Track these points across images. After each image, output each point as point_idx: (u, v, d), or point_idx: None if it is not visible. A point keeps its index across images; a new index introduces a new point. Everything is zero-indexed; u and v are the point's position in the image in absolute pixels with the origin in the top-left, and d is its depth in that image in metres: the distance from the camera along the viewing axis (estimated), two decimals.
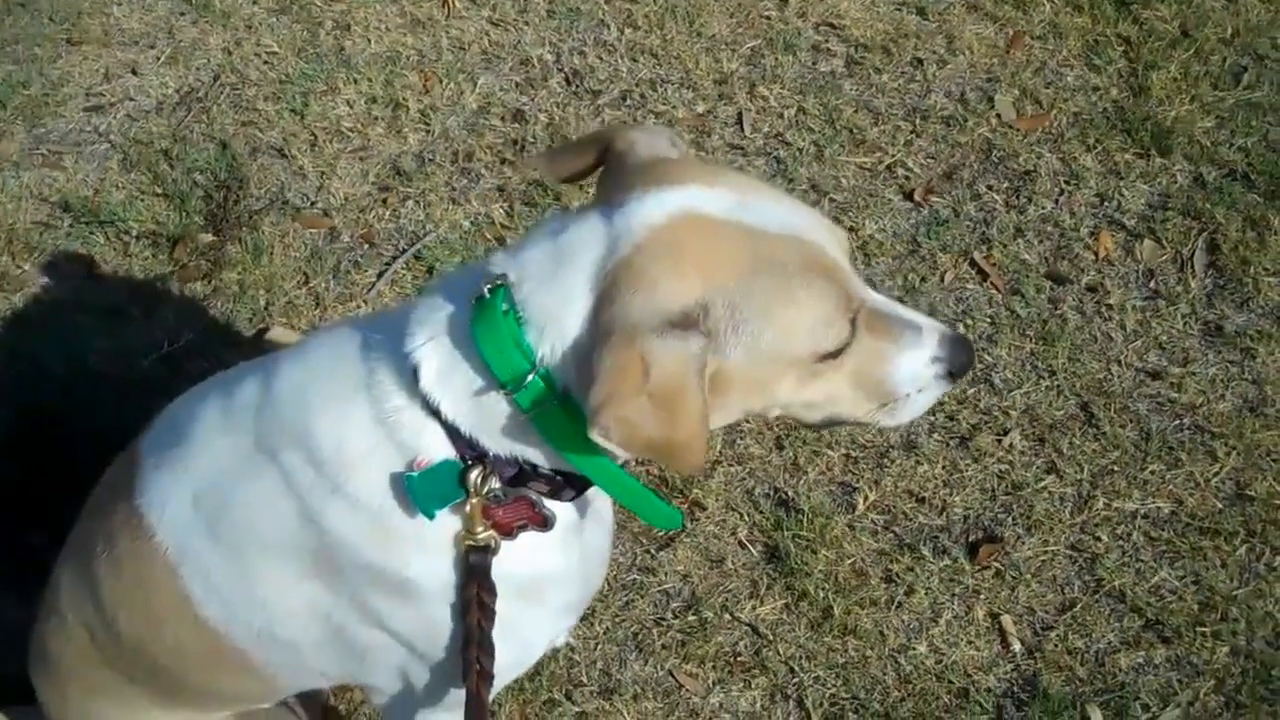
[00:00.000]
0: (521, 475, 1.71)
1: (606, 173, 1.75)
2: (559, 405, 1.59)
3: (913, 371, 1.74)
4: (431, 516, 1.70)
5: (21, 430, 3.11)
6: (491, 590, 1.73)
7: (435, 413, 1.66)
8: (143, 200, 3.61)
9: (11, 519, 2.89)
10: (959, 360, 1.77)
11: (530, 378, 1.57)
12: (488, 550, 1.73)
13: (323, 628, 1.86)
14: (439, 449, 1.69)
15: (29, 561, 2.45)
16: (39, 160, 3.73)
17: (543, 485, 1.74)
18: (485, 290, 1.62)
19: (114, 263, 3.49)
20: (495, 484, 1.69)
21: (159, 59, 3.99)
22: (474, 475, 1.67)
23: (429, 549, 1.75)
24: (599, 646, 2.87)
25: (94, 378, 3.23)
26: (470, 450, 1.68)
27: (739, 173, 1.75)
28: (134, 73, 3.95)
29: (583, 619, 2.87)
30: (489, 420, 1.65)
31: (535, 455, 1.69)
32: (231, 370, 1.96)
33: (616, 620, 2.90)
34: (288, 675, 2.01)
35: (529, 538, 1.77)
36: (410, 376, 1.67)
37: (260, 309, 3.39)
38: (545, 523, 1.76)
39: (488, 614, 1.73)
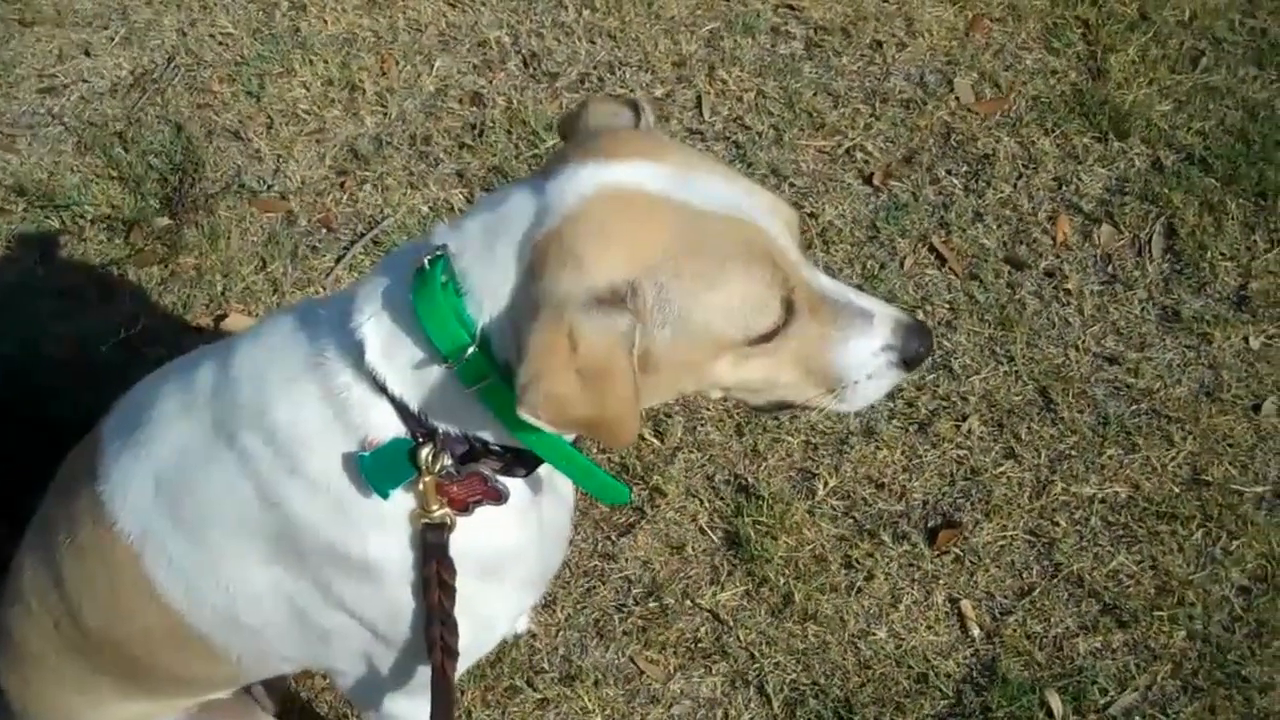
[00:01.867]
0: (473, 452, 1.70)
1: (561, 144, 1.74)
2: (501, 379, 1.58)
3: (859, 358, 1.71)
4: (385, 496, 1.69)
5: None
6: (450, 567, 1.73)
7: (383, 389, 1.65)
8: (98, 184, 3.57)
9: None
10: (913, 349, 1.73)
11: (470, 350, 1.56)
12: (444, 528, 1.72)
13: (286, 611, 1.86)
14: (389, 427, 1.68)
15: None
16: None
17: (494, 462, 1.73)
18: (425, 262, 1.60)
19: (69, 247, 3.46)
20: (447, 461, 1.68)
21: (113, 40, 3.94)
22: (424, 453, 1.66)
23: (385, 528, 1.74)
24: (560, 633, 2.87)
25: (50, 364, 3.21)
26: (420, 427, 1.67)
27: (686, 147, 1.71)
28: (87, 54, 3.91)
29: (544, 605, 2.88)
30: (435, 396, 1.64)
31: (483, 431, 1.69)
32: (190, 354, 1.95)
33: (578, 607, 2.90)
34: (252, 660, 2.00)
35: (486, 514, 1.76)
36: (357, 353, 1.66)
37: (217, 294, 3.36)
38: (499, 497, 1.75)
39: (448, 591, 1.73)
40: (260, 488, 1.74)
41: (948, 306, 3.33)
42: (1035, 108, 3.74)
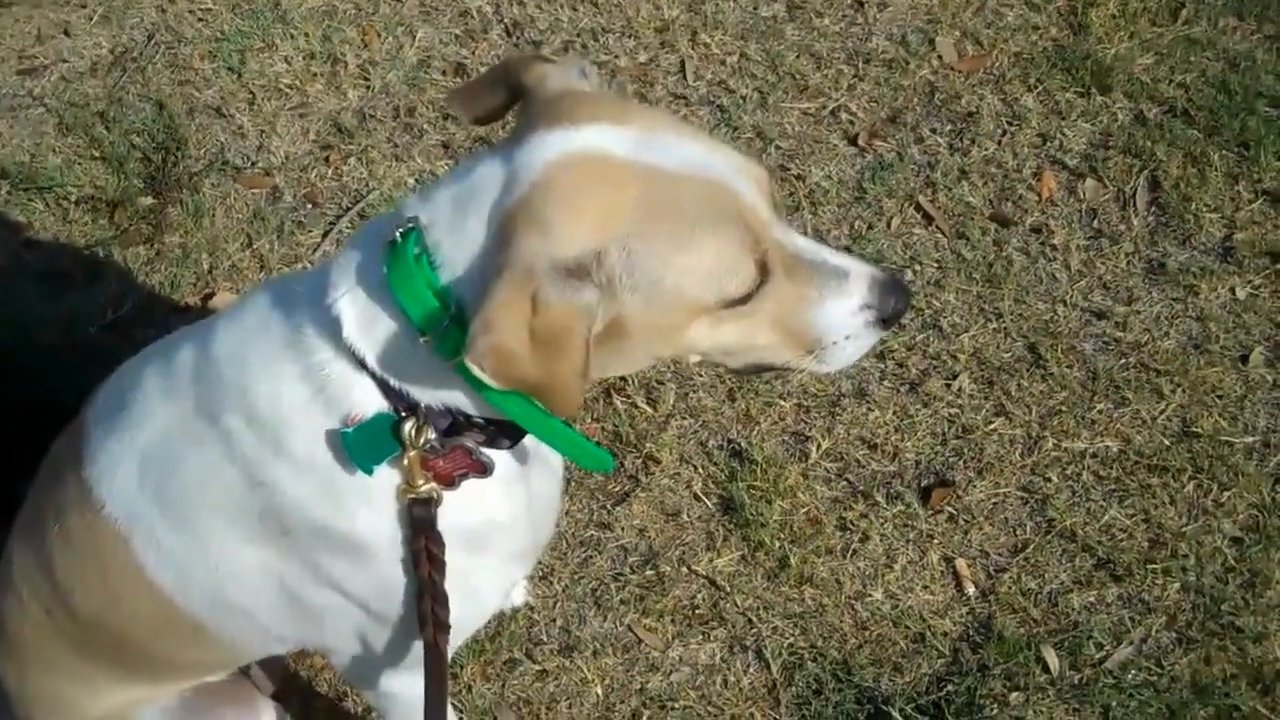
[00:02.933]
0: (456, 425, 1.70)
1: (521, 109, 1.71)
2: None
3: (838, 319, 1.69)
4: (370, 472, 1.69)
5: None
6: (439, 541, 1.73)
7: (362, 364, 1.65)
8: (80, 164, 3.56)
9: None
10: (890, 307, 1.71)
11: (444, 323, 1.55)
12: (431, 502, 1.73)
13: (277, 591, 1.86)
14: (371, 403, 1.67)
15: None
16: None
17: (478, 435, 1.73)
18: (397, 235, 1.59)
19: (54, 229, 3.45)
20: (431, 435, 1.68)
21: (91, 18, 3.92)
22: (408, 427, 1.66)
23: (372, 505, 1.75)
24: (558, 604, 2.88)
25: (38, 347, 3.19)
26: (401, 402, 1.67)
27: (650, 108, 1.70)
28: (66, 33, 3.88)
29: (541, 577, 2.89)
30: (414, 369, 1.64)
31: (465, 403, 1.68)
32: (172, 335, 1.95)
33: (575, 577, 2.91)
34: (245, 642, 2.01)
35: (473, 487, 1.76)
36: (334, 330, 1.65)
37: (204, 272, 3.35)
38: (484, 470, 1.75)
39: (438, 565, 1.73)
40: (245, 468, 1.74)
41: (935, 265, 3.33)
42: (1017, 64, 3.73)
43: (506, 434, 1.75)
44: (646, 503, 3.00)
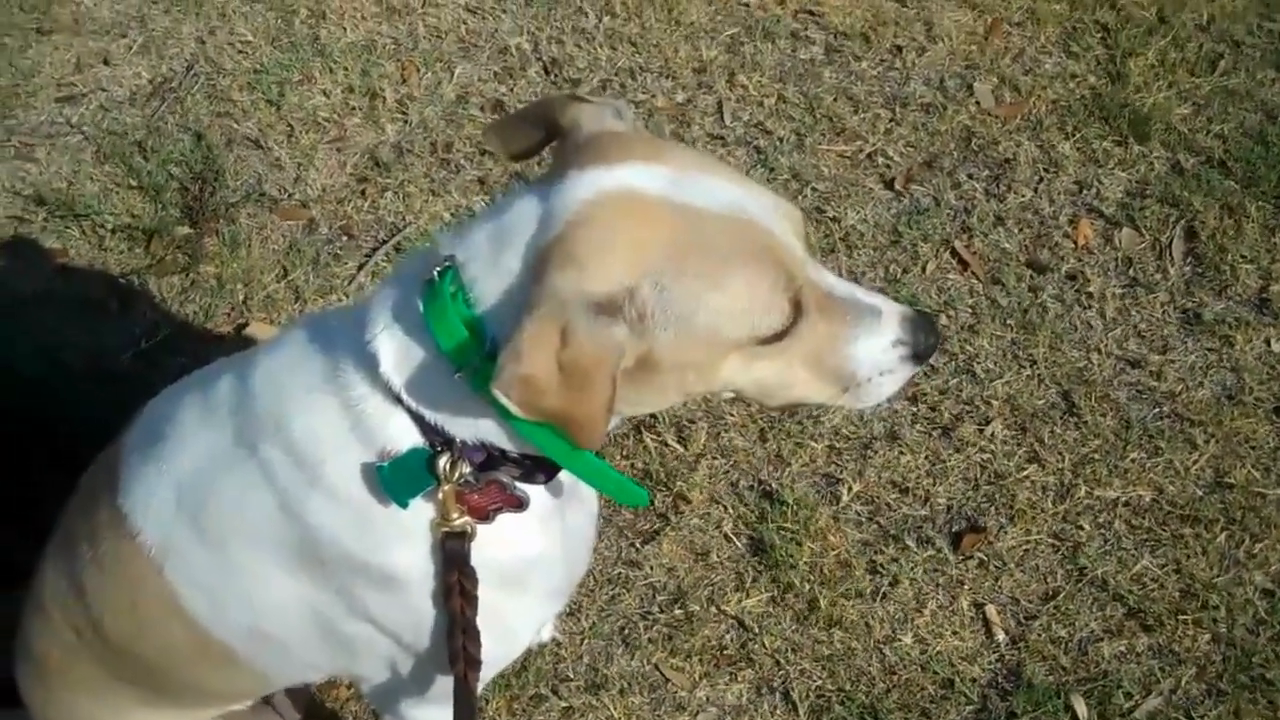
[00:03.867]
0: (491, 460, 1.70)
1: (557, 148, 1.72)
2: None
3: (872, 356, 1.70)
4: (405, 505, 1.69)
5: None
6: (472, 576, 1.72)
7: (398, 400, 1.65)
8: (117, 193, 3.58)
9: None
10: (922, 342, 1.72)
11: (479, 358, 1.55)
12: (465, 536, 1.72)
13: (311, 622, 1.86)
14: (406, 437, 1.68)
15: (3, 562, 2.43)
16: (11, 152, 3.70)
17: (513, 469, 1.73)
18: (435, 273, 1.60)
19: (89, 256, 3.46)
20: (466, 469, 1.68)
21: (131, 48, 3.95)
22: (442, 461, 1.66)
23: (407, 538, 1.74)
24: (585, 641, 2.87)
25: (70, 374, 3.20)
26: (437, 436, 1.67)
27: (684, 148, 1.70)
28: (106, 62, 3.92)
29: (569, 613, 2.88)
30: (450, 405, 1.64)
31: (500, 438, 1.68)
32: (210, 366, 1.96)
33: (603, 614, 2.90)
34: (276, 670, 2.00)
35: (509, 523, 1.76)
36: (372, 365, 1.66)
37: (239, 303, 3.37)
38: (520, 504, 1.75)
39: (470, 600, 1.72)
40: (281, 499, 1.74)
41: (970, 310, 3.33)
42: (1055, 112, 3.73)
43: (542, 469, 1.75)
44: (676, 541, 2.99)
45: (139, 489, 1.87)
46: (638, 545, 2.98)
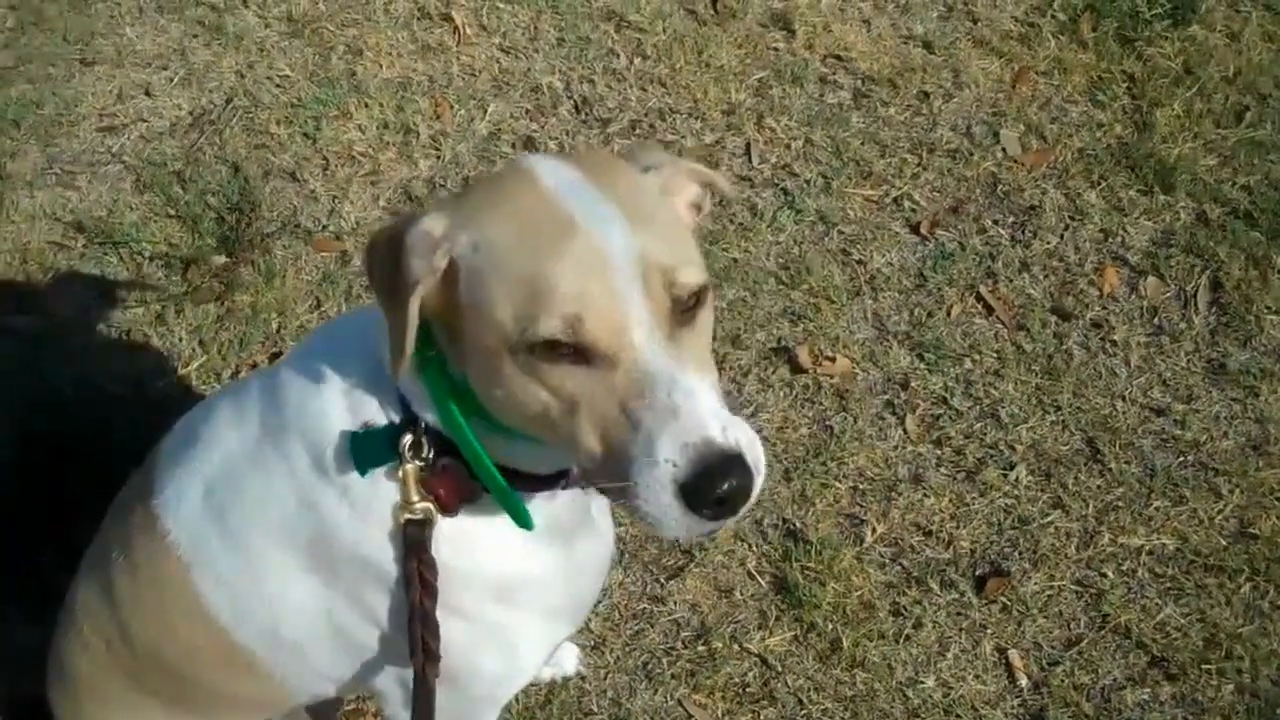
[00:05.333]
0: (449, 446, 1.72)
1: None
2: (439, 366, 1.66)
3: (642, 452, 1.46)
4: (362, 474, 1.73)
5: (33, 453, 3.12)
6: (431, 566, 1.73)
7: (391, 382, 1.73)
8: (156, 222, 3.62)
9: (23, 541, 2.90)
10: (695, 481, 1.44)
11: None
12: (425, 524, 1.73)
13: (324, 625, 1.88)
14: (388, 414, 1.74)
15: (40, 583, 2.47)
16: (52, 180, 3.75)
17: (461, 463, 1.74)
18: None
19: (127, 283, 3.50)
20: (429, 453, 1.71)
21: (172, 80, 4.01)
22: (405, 440, 1.70)
23: (379, 522, 1.77)
24: (609, 675, 2.89)
25: (106, 399, 3.24)
26: (406, 415, 1.72)
27: (625, 170, 1.65)
28: (147, 94, 3.97)
29: (593, 647, 2.90)
30: (413, 386, 1.71)
31: (436, 421, 1.73)
32: (243, 377, 2.01)
33: (626, 649, 2.92)
34: (296, 678, 2.02)
35: (498, 536, 1.79)
36: (368, 350, 1.75)
37: (273, 332, 3.40)
38: (471, 495, 1.75)
39: (430, 591, 1.72)
40: (299, 490, 1.79)
41: (995, 355, 3.35)
42: (1081, 160, 3.77)
43: (519, 478, 1.74)
44: (700, 578, 3.01)
45: (170, 489, 1.92)
46: (662, 580, 3.00)
